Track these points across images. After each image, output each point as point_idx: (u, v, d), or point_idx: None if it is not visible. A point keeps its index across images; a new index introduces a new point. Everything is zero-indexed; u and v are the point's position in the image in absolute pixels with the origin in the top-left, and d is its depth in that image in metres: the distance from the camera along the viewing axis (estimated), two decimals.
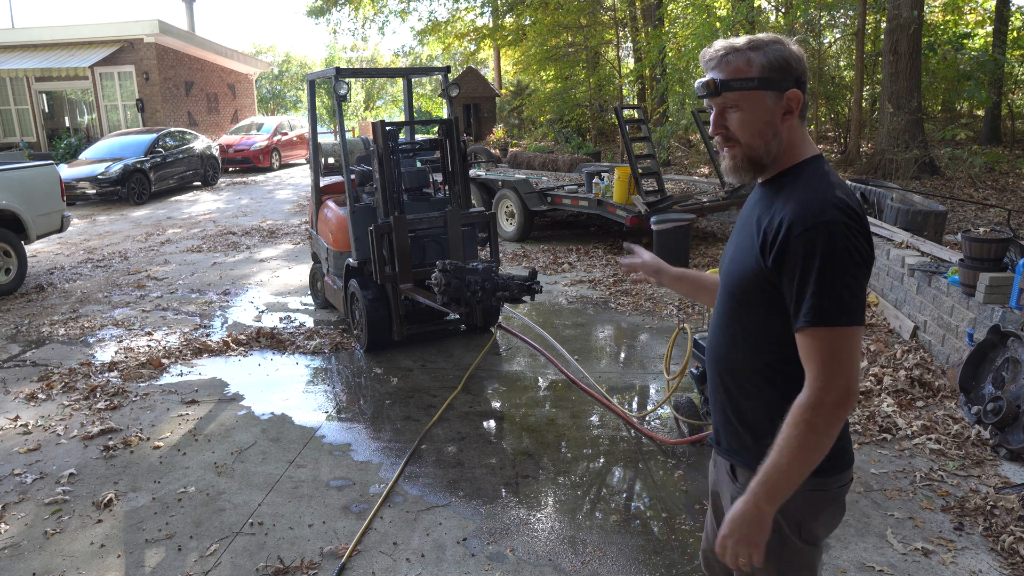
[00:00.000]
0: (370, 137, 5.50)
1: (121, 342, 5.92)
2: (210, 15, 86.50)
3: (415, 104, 9.56)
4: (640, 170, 8.73)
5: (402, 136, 6.86)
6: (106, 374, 5.18)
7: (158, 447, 4.07)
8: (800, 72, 1.52)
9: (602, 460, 3.91)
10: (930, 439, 3.83)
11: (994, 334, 4.01)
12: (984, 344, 4.07)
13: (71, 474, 3.76)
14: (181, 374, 5.21)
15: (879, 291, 6.01)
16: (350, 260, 5.45)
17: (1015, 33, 13.78)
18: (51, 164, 8.43)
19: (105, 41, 20.64)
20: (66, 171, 13.66)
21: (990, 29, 14.21)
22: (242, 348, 5.70)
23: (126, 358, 5.50)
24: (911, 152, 10.72)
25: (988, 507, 3.20)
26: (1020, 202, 9.38)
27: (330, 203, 6.03)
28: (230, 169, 19.30)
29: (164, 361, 5.40)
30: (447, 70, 5.92)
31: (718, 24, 13.20)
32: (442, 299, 4.48)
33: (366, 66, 35.50)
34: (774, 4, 16.18)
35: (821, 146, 14.52)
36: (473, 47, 24.85)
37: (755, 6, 14.31)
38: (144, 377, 5.14)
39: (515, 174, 10.76)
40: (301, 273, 8.07)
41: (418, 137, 7.66)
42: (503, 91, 23.48)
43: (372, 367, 5.25)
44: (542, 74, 21.31)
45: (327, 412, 4.53)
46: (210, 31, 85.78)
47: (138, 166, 14.51)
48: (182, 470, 3.81)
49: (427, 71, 6.52)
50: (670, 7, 17.33)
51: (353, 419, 4.45)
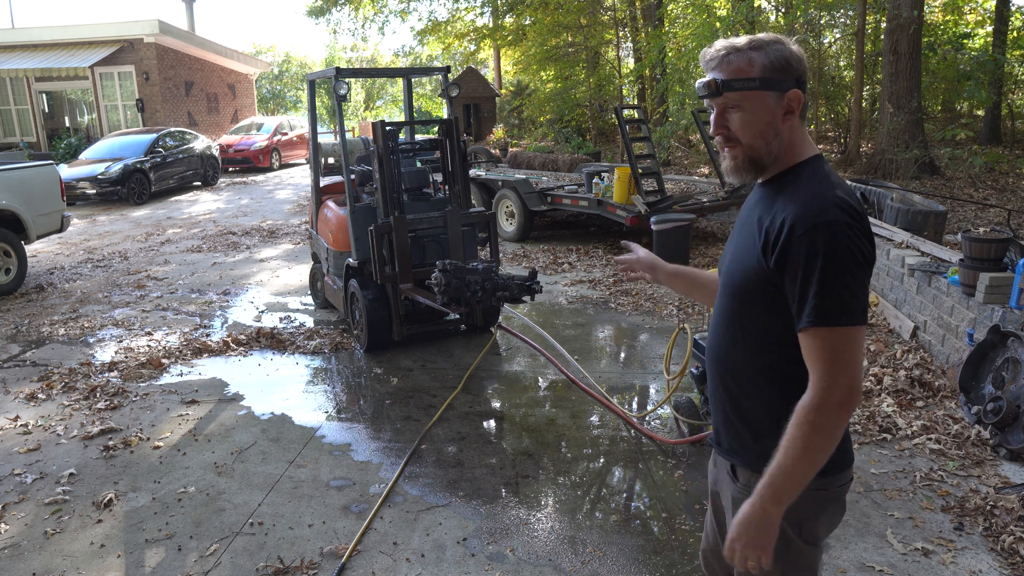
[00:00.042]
0: (370, 137, 5.50)
1: (121, 342, 5.92)
2: (210, 15, 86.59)
3: (415, 104, 9.56)
4: (640, 170, 8.73)
5: (402, 136, 6.86)
6: (106, 374, 5.18)
7: (158, 447, 4.07)
8: (801, 72, 1.52)
9: (602, 460, 3.91)
10: (930, 439, 3.83)
11: (994, 334, 4.01)
12: (984, 344, 4.07)
13: (71, 474, 3.77)
14: (181, 374, 5.21)
15: (879, 291, 6.01)
16: (350, 260, 5.45)
17: (1015, 33, 13.78)
18: (51, 164, 8.43)
19: (105, 41, 20.65)
20: (66, 171, 13.67)
21: (990, 29, 14.21)
22: (242, 348, 5.70)
23: (126, 358, 5.50)
24: (911, 152, 10.72)
25: (988, 507, 3.20)
26: (1020, 202, 9.38)
27: (330, 203, 6.03)
28: (230, 169, 19.31)
29: (164, 361, 5.41)
30: (447, 70, 5.92)
31: (718, 24, 13.19)
32: (442, 299, 4.48)
33: (366, 66, 35.51)
34: (774, 4, 16.18)
35: (821, 146, 14.52)
36: (473, 47, 24.85)
37: (755, 6, 14.31)
38: (144, 377, 5.14)
39: (515, 174, 10.76)
40: (301, 273, 8.07)
41: (418, 137, 7.66)
42: (503, 91, 23.48)
43: (372, 367, 5.25)
44: (542, 74, 21.31)
45: (327, 412, 4.53)
46: (210, 31, 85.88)
47: (138, 166, 14.51)
48: (182, 470, 3.81)
49: (427, 71, 6.53)
50: (670, 7, 17.33)
51: (353, 419, 4.45)
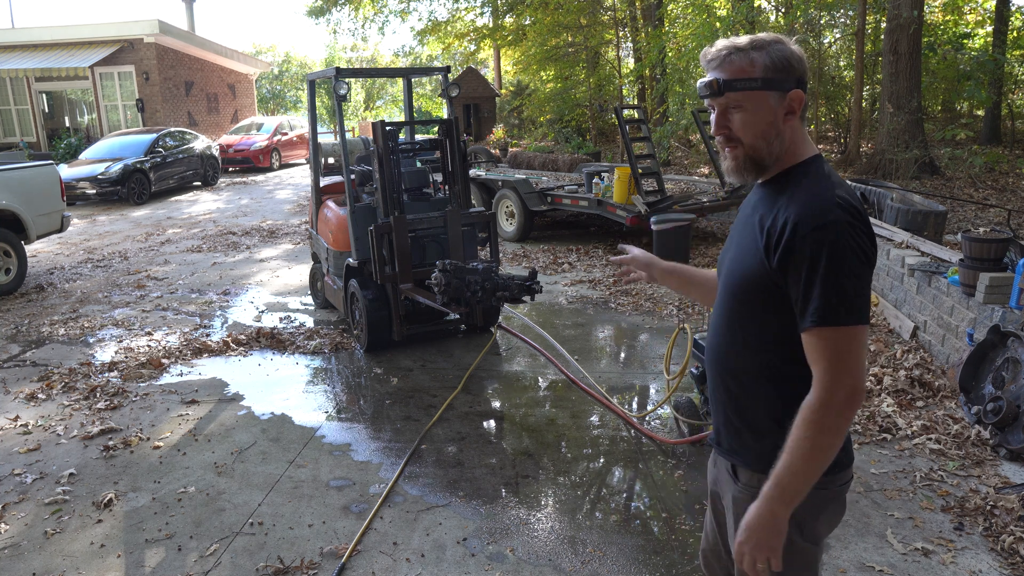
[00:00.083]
0: (370, 137, 5.50)
1: (121, 342, 5.92)
2: (210, 15, 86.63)
3: (415, 104, 9.56)
4: (640, 170, 8.73)
5: (402, 136, 6.86)
6: (106, 374, 5.18)
7: (158, 447, 4.07)
8: (802, 72, 1.52)
9: (602, 460, 3.91)
10: (930, 439, 3.83)
11: (994, 334, 4.01)
12: (984, 344, 4.07)
13: (71, 474, 3.76)
14: (181, 374, 5.21)
15: (879, 291, 6.01)
16: (350, 260, 5.45)
17: (1015, 33, 13.78)
18: (51, 164, 8.43)
19: (105, 41, 20.65)
20: (66, 171, 13.66)
21: (990, 29, 14.21)
22: (242, 348, 5.70)
23: (126, 358, 5.50)
24: (911, 152, 10.72)
25: (988, 507, 3.20)
26: (1020, 202, 9.38)
27: (330, 203, 6.03)
28: (230, 169, 19.31)
29: (164, 361, 5.41)
30: (447, 70, 5.92)
31: (718, 24, 13.20)
32: (442, 299, 4.48)
33: (366, 66, 35.51)
34: (774, 4, 16.18)
35: (821, 146, 14.52)
36: (473, 47, 24.85)
37: (755, 6, 14.31)
38: (144, 377, 5.14)
39: (515, 174, 10.76)
40: (301, 273, 8.07)
41: (418, 137, 7.66)
42: (503, 91, 23.48)
43: (372, 367, 5.24)
44: (542, 74, 21.31)
45: (327, 412, 4.53)
46: (210, 31, 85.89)
47: (138, 166, 14.51)
48: (182, 470, 3.81)
49: (427, 71, 6.53)
50: (670, 7, 17.33)
51: (353, 419, 4.45)
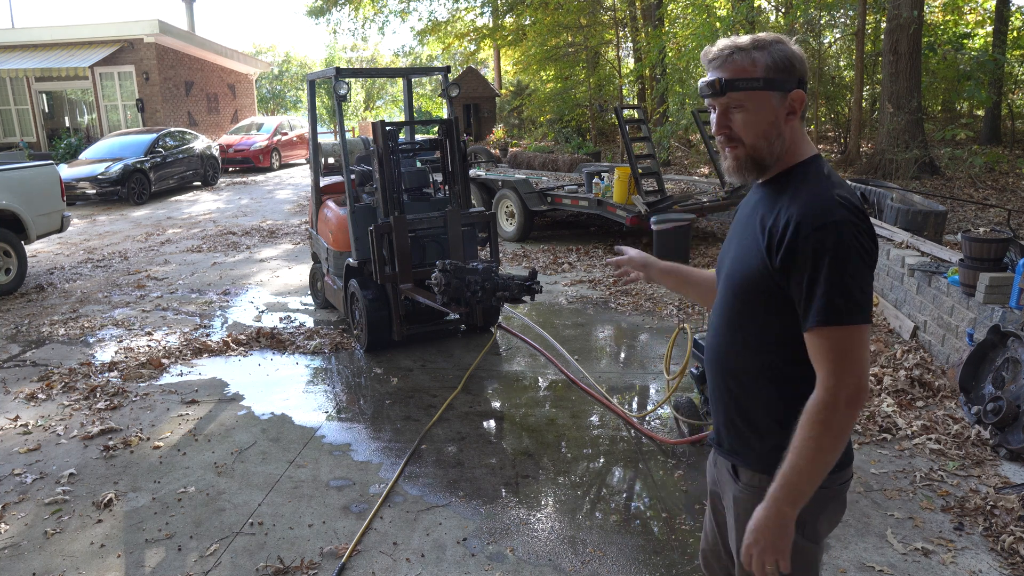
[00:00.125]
0: (370, 137, 5.50)
1: (121, 342, 5.92)
2: (210, 15, 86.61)
3: (415, 104, 9.56)
4: (640, 170, 8.73)
5: (402, 136, 6.86)
6: (106, 374, 5.18)
7: (158, 447, 4.07)
8: (803, 72, 1.52)
9: (602, 460, 3.91)
10: (930, 439, 3.83)
11: (994, 334, 4.01)
12: (984, 344, 4.07)
13: (71, 474, 3.76)
14: (181, 374, 5.21)
15: (879, 291, 6.01)
16: (350, 260, 5.45)
17: (1015, 33, 13.78)
18: (51, 164, 8.43)
19: (105, 41, 20.65)
20: (66, 171, 13.66)
21: (990, 29, 14.21)
22: (242, 348, 5.70)
23: (126, 358, 5.50)
24: (911, 152, 10.72)
25: (988, 507, 3.20)
26: (1020, 202, 9.38)
27: (330, 203, 6.03)
28: (230, 169, 19.31)
29: (164, 361, 5.40)
30: (447, 70, 5.92)
31: (718, 24, 13.20)
32: (442, 299, 4.48)
33: (366, 66, 35.51)
34: (774, 4, 16.18)
35: (821, 146, 14.52)
36: (473, 47, 24.85)
37: (755, 6, 14.31)
38: (144, 377, 5.14)
39: (515, 174, 10.76)
40: (301, 273, 8.07)
41: (418, 137, 7.66)
42: (503, 91, 23.47)
43: (372, 367, 5.24)
44: (542, 74, 21.31)
45: (327, 412, 4.53)
46: (210, 31, 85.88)
47: (138, 166, 14.50)
48: (182, 470, 3.81)
49: (427, 71, 6.53)
50: (670, 7, 17.33)
51: (353, 419, 4.45)
